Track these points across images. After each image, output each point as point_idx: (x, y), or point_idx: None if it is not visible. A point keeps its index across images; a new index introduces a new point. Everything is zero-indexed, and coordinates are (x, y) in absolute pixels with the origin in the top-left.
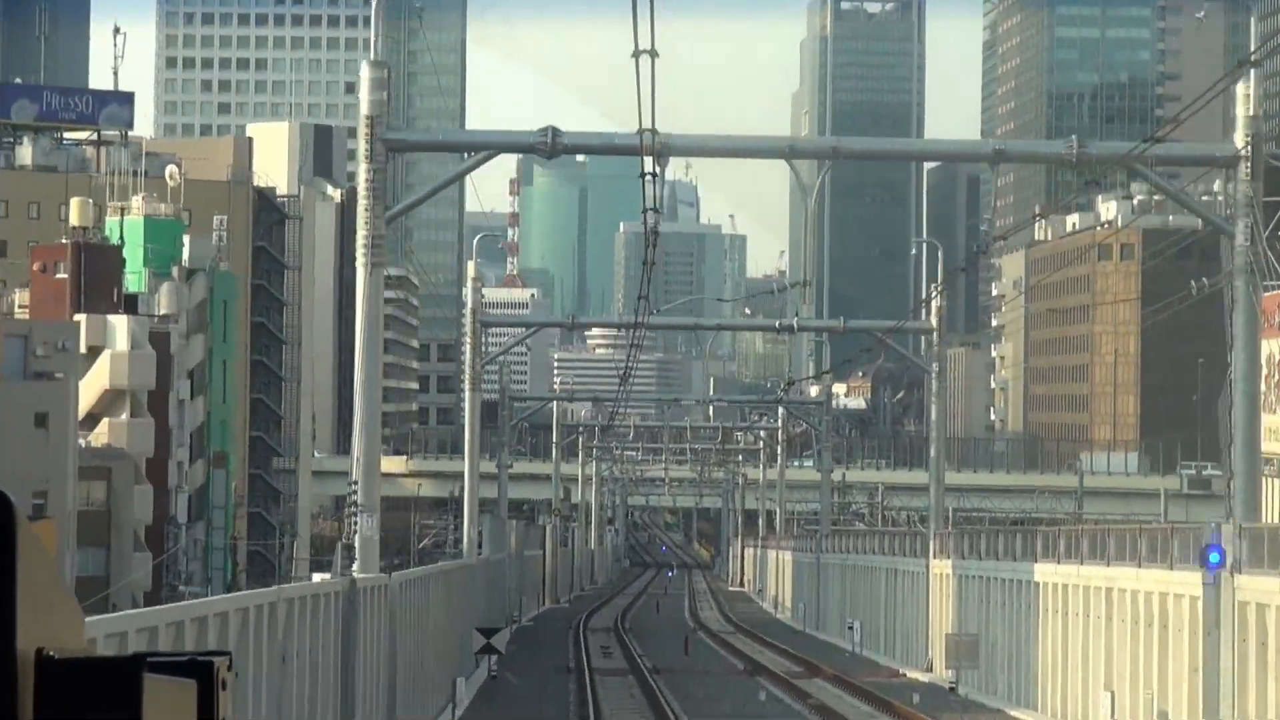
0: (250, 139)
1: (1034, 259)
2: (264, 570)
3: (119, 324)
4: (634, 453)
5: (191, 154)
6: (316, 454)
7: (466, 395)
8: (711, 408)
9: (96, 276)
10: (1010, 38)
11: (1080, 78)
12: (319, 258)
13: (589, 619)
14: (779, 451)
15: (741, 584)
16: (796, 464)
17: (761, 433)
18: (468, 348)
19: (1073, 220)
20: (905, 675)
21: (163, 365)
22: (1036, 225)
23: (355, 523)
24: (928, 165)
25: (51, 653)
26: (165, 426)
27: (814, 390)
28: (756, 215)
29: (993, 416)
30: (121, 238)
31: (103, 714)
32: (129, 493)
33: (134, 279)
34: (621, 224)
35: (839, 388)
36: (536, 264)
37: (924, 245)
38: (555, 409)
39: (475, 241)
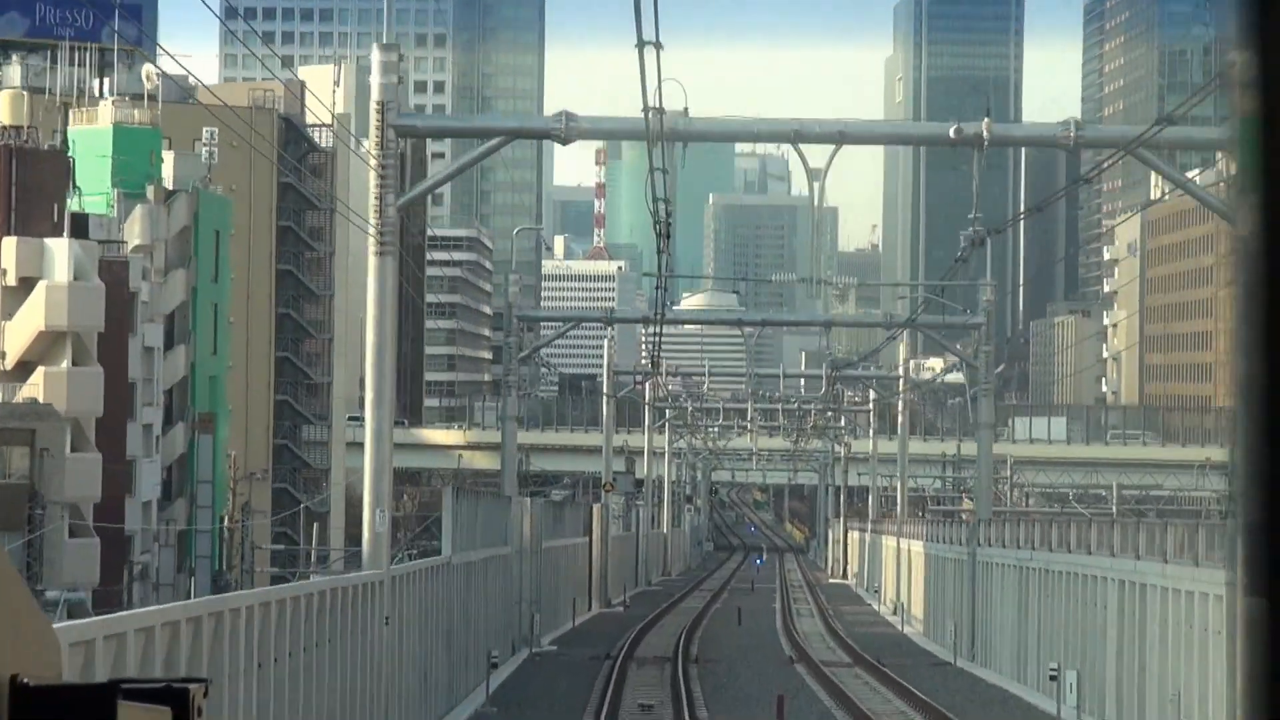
0: (302, 82)
1: (1151, 220)
2: (288, 557)
3: (58, 249)
4: (716, 420)
5: (239, 98)
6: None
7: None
8: (803, 382)
9: (32, 190)
10: (1118, 13)
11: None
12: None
13: (642, 636)
14: (901, 416)
15: (844, 575)
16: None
17: (871, 396)
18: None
19: (1194, 175)
20: None
21: (119, 302)
22: (1152, 184)
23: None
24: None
25: (26, 680)
26: (123, 380)
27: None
28: (849, 188)
29: (1104, 388)
30: (67, 146)
31: None
32: (60, 461)
33: (99, 201)
34: (711, 196)
35: (936, 363)
36: (625, 238)
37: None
38: (607, 357)
39: (514, 234)
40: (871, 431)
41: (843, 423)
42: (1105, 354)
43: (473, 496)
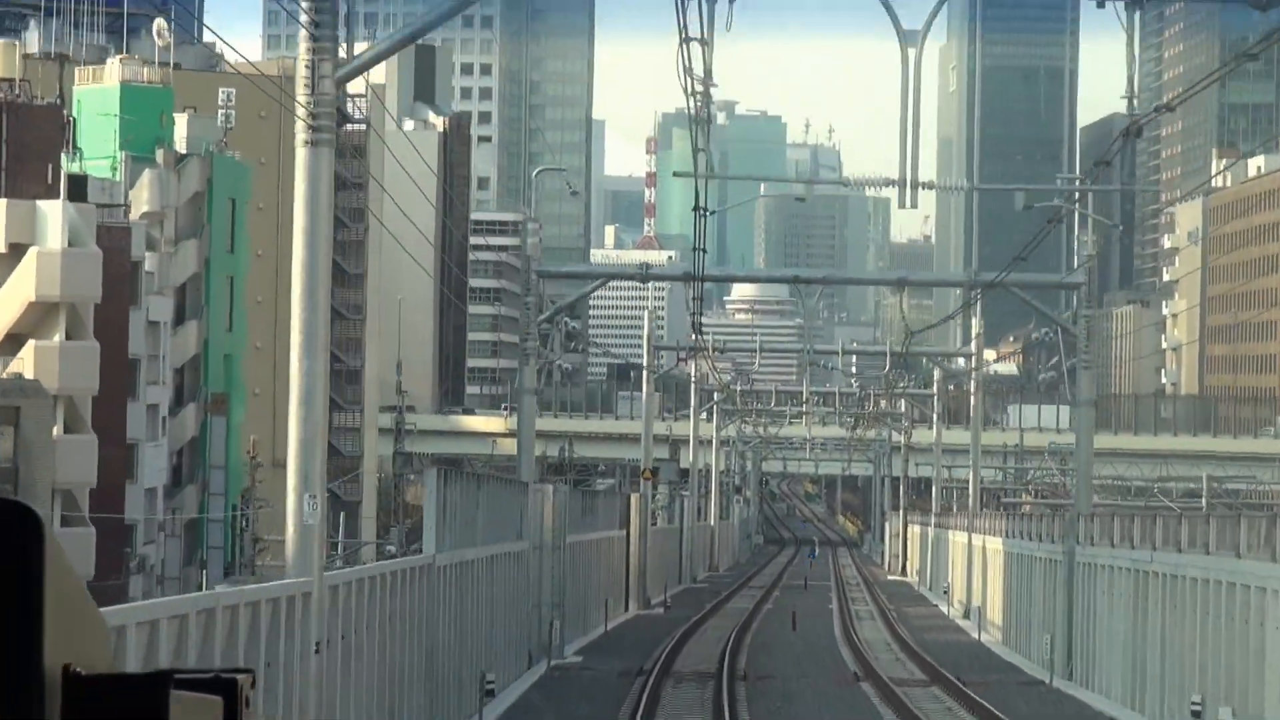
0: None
1: (1213, 207)
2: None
3: (51, 212)
4: (767, 403)
5: (270, 71)
6: (413, 411)
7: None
8: (854, 369)
9: (26, 149)
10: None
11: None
12: (413, 191)
13: (683, 644)
14: (975, 397)
15: (904, 572)
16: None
17: (936, 376)
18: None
19: (1257, 164)
20: None
21: (119, 272)
22: (1216, 170)
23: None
24: (1081, 122)
25: (78, 669)
26: (123, 356)
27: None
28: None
29: (1164, 379)
30: (64, 101)
31: None
32: (47, 442)
33: (103, 165)
34: (762, 186)
35: (988, 354)
36: (676, 229)
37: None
38: (647, 328)
39: (534, 176)
40: (935, 416)
41: (902, 407)
42: (1164, 344)
43: (472, 481)
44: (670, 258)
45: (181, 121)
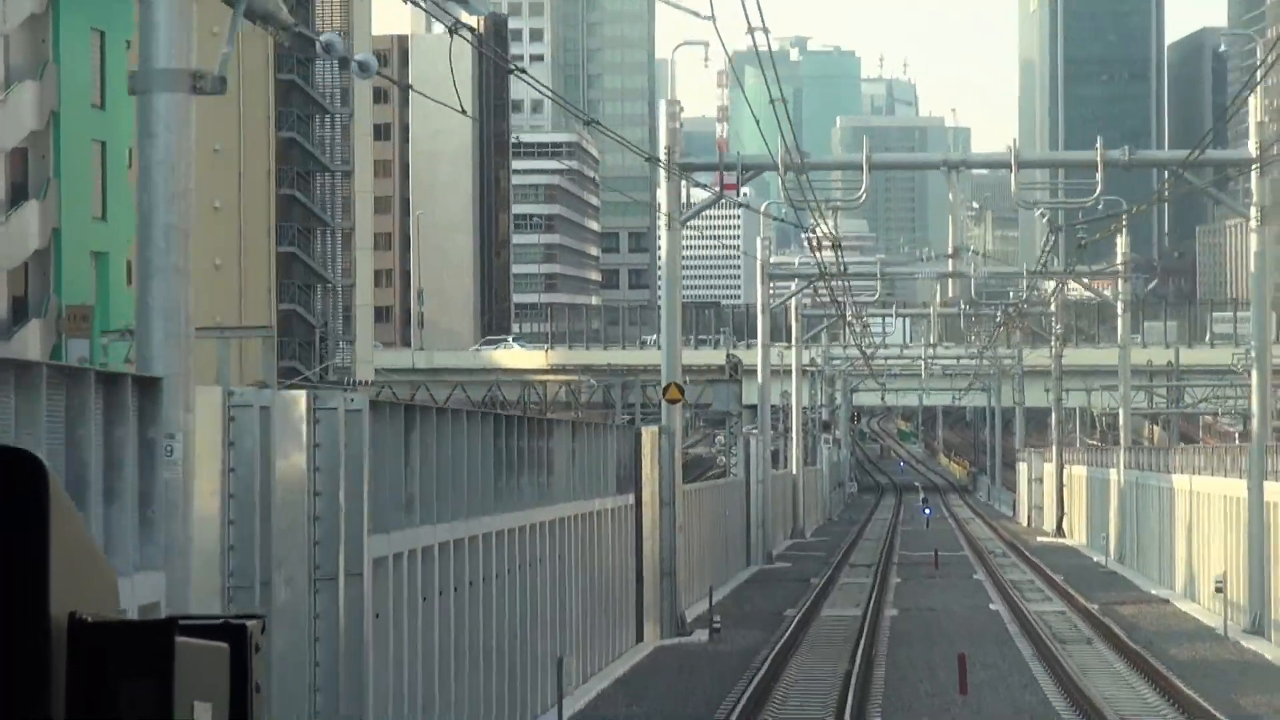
0: None
1: None
2: None
3: None
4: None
5: None
6: (444, 349)
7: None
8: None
9: None
10: None
11: None
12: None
13: None
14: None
15: (1059, 530)
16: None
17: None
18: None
19: None
20: None
21: None
22: None
23: None
24: (1168, 39)
25: (85, 616)
26: None
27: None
28: (983, 106)
29: None
30: None
31: (135, 677)
32: None
33: None
34: (838, 119)
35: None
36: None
37: (1166, 127)
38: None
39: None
40: (1121, 322)
41: (1054, 308)
42: None
43: None
44: (745, 194)
45: None
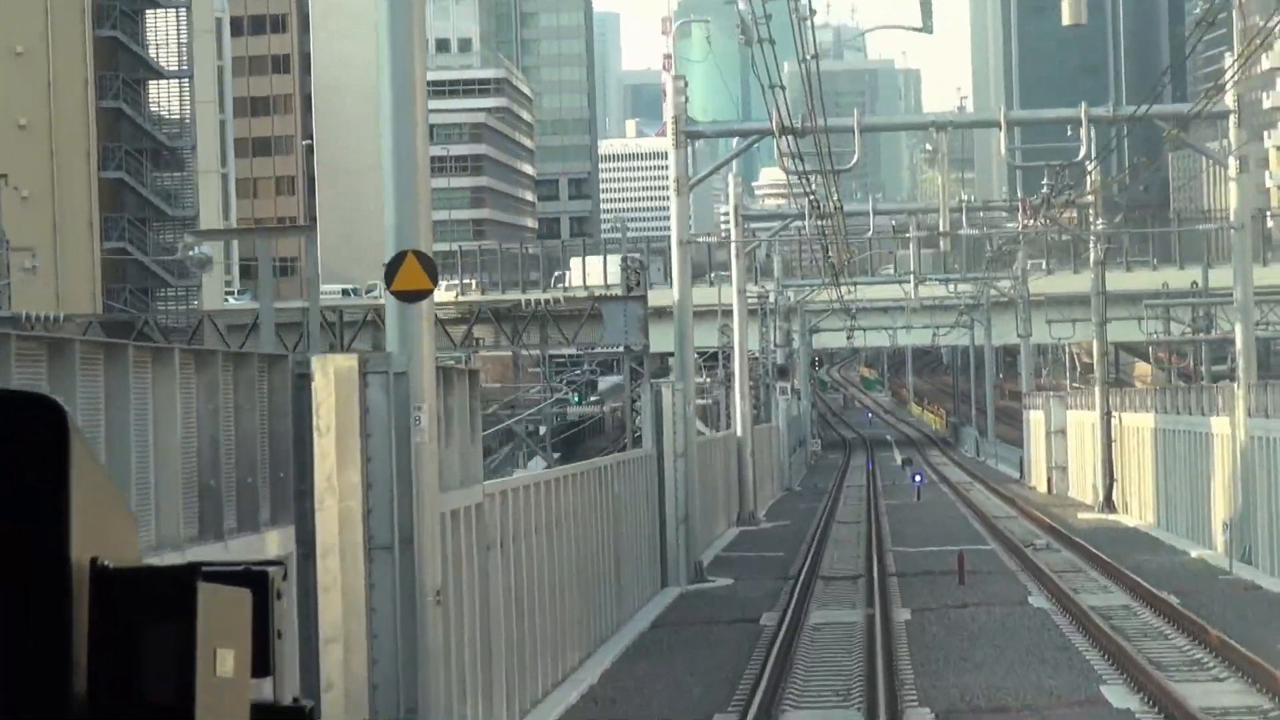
0: None
1: None
2: None
3: None
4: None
5: None
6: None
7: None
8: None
9: None
10: None
11: None
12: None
13: None
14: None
15: (1109, 504)
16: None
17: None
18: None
19: None
20: None
21: None
22: None
23: None
24: None
25: (106, 562)
26: None
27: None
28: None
29: (1269, 223)
30: None
31: (157, 623)
32: None
33: None
34: (785, 65)
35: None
36: (699, 118)
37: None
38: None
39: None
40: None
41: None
42: (1269, 181)
43: None
44: (694, 146)
45: None
